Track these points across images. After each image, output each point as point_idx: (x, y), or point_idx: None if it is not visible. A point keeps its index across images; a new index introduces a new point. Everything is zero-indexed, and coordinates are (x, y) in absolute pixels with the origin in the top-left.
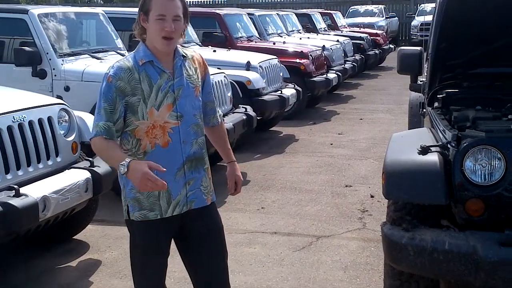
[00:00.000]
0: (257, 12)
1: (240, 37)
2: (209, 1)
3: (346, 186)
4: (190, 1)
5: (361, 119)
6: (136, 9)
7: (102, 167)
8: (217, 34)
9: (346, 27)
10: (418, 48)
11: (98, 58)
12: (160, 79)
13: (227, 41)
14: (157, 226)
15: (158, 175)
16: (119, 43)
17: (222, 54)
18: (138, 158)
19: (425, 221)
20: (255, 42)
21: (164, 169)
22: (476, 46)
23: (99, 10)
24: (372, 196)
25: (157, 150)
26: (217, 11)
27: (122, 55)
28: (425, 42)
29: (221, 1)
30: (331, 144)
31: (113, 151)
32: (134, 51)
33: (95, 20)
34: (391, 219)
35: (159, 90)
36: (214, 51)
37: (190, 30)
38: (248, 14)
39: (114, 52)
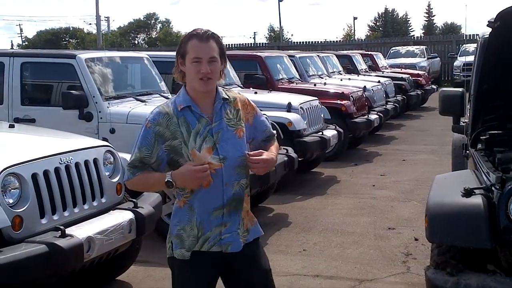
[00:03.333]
0: (298, 54)
1: (281, 78)
2: (250, 44)
3: (389, 228)
4: (231, 44)
5: (404, 160)
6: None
7: (145, 208)
8: (258, 76)
9: (387, 68)
10: (460, 89)
11: (142, 101)
12: (198, 124)
13: (268, 83)
14: (194, 262)
15: (199, 212)
16: (163, 86)
17: (263, 96)
18: (186, 196)
19: (470, 266)
20: (296, 84)
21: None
22: None
23: (143, 54)
24: (416, 239)
25: (201, 189)
26: (258, 54)
27: (166, 97)
28: (467, 83)
29: (262, 44)
30: (373, 185)
31: (152, 177)
32: (176, 95)
33: (140, 64)
34: (435, 263)
35: (197, 135)
36: (256, 92)
37: (231, 72)
38: (289, 56)
39: (158, 95)
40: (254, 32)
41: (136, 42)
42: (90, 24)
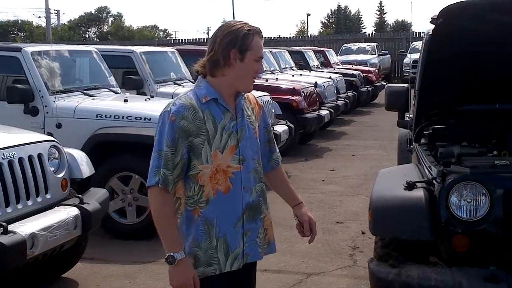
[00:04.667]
0: None
1: None
2: (204, 39)
3: (337, 222)
4: (184, 39)
5: (353, 155)
6: (130, 47)
7: (91, 204)
8: None
9: (339, 65)
10: (405, 85)
11: (90, 95)
12: (224, 118)
13: None
14: (218, 283)
15: (220, 224)
16: (112, 80)
17: None
18: (200, 207)
19: (413, 257)
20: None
21: None
22: (461, 84)
23: (92, 48)
24: (363, 233)
25: (219, 197)
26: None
27: (115, 92)
28: (413, 80)
29: None
30: (323, 180)
31: (171, 227)
32: (194, 87)
33: (88, 58)
34: (378, 255)
35: (223, 131)
36: None
37: (183, 67)
38: None
39: (106, 90)
40: (208, 27)
41: (87, 36)
42: (39, 17)
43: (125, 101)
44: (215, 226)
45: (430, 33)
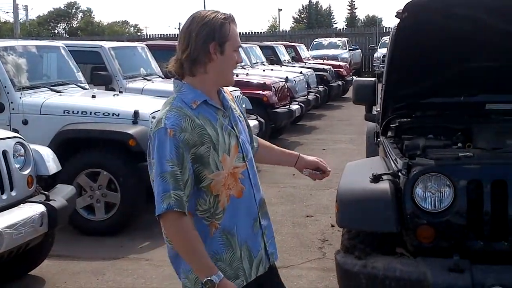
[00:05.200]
0: None
1: None
2: (174, 34)
3: (307, 216)
4: (155, 35)
5: (324, 149)
6: (99, 42)
7: (58, 201)
8: None
9: (310, 59)
10: (372, 79)
11: (57, 91)
12: (218, 118)
13: None
14: None
15: (239, 231)
16: (79, 76)
17: None
18: (216, 218)
19: (380, 249)
20: None
21: None
22: (427, 77)
23: (59, 43)
24: (332, 226)
25: (233, 203)
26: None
27: (83, 88)
28: (382, 74)
29: None
30: (293, 174)
31: (200, 250)
32: (175, 93)
33: (56, 54)
34: (345, 247)
35: (223, 131)
36: None
37: (153, 63)
38: None
39: (74, 85)
40: (179, 23)
41: (56, 31)
42: (7, 12)
43: (93, 96)
44: (236, 235)
45: (396, 27)
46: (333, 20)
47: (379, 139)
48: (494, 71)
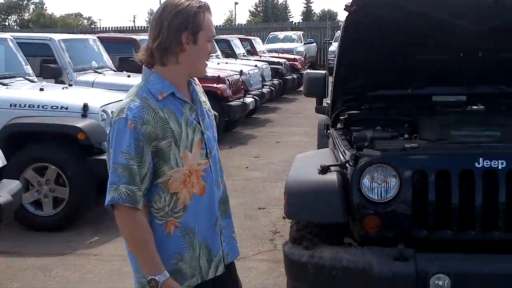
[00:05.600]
0: None
1: None
2: (130, 27)
3: (260, 208)
4: (109, 27)
5: (278, 142)
6: (48, 34)
7: (3, 196)
8: (134, 60)
9: (265, 53)
10: (323, 71)
11: (4, 84)
12: (185, 112)
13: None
14: None
15: (201, 230)
16: (28, 69)
17: (137, 79)
18: (175, 217)
19: (328, 240)
20: None
21: None
22: (375, 70)
23: (7, 35)
24: (284, 218)
25: (196, 201)
26: (134, 37)
27: (31, 80)
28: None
29: (142, 27)
30: (247, 167)
31: (150, 247)
32: (142, 82)
33: (3, 46)
34: (293, 239)
35: (188, 126)
36: (129, 76)
37: (105, 56)
38: None
39: (22, 78)
40: (134, 15)
41: (7, 23)
42: None
43: (41, 89)
44: (196, 233)
45: (345, 20)
46: (289, 14)
47: (329, 131)
48: (441, 64)
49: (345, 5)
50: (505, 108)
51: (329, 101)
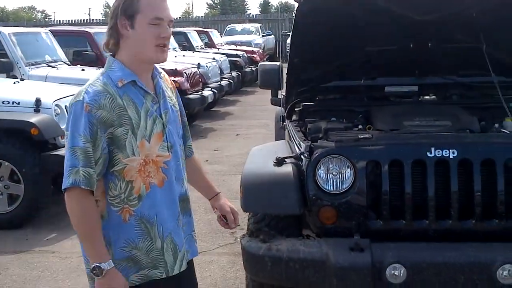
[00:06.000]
0: None
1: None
2: (85, 20)
3: None
4: (63, 20)
5: (238, 134)
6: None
7: None
8: (88, 53)
9: (223, 45)
10: (277, 63)
11: None
12: (145, 102)
13: (98, 60)
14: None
15: (161, 221)
16: None
17: (92, 73)
18: (130, 205)
19: (285, 232)
20: None
21: None
22: (329, 61)
23: None
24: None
25: (154, 192)
26: (87, 30)
27: None
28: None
29: (97, 20)
30: (207, 160)
31: (97, 233)
32: (105, 69)
33: None
34: (250, 232)
35: (147, 116)
36: (83, 70)
37: (58, 49)
38: None
39: None
40: (89, 8)
41: None
42: None
43: None
44: (156, 224)
45: (295, 11)
46: (246, 7)
47: (284, 123)
48: (392, 55)
49: None
50: (456, 98)
51: (284, 93)
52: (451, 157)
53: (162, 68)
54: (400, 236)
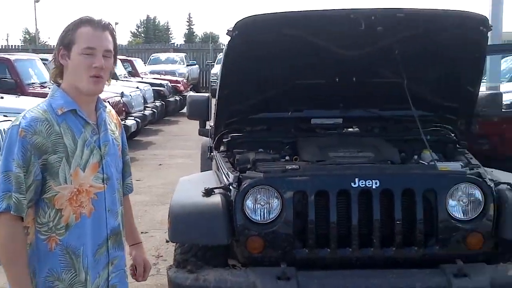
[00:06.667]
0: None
1: (33, 83)
2: (3, 46)
3: (142, 232)
4: None
5: (160, 164)
6: None
7: None
8: (7, 80)
9: (147, 74)
10: (206, 94)
11: None
12: (84, 131)
13: (18, 87)
14: None
15: (86, 253)
16: None
17: (10, 101)
18: (58, 233)
19: (212, 262)
20: (49, 89)
21: None
22: (257, 93)
23: None
24: (167, 241)
25: (83, 222)
26: (7, 56)
27: None
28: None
29: (15, 46)
30: None
31: (22, 261)
32: (48, 97)
33: None
34: (177, 262)
35: (84, 146)
36: (2, 97)
37: None
38: (42, 60)
39: None
40: (7, 34)
41: None
42: None
43: None
44: (81, 256)
45: (227, 44)
46: (171, 36)
47: (212, 154)
48: (319, 88)
49: (227, 30)
50: (378, 130)
51: (212, 124)
52: (373, 187)
53: None
54: (325, 264)
